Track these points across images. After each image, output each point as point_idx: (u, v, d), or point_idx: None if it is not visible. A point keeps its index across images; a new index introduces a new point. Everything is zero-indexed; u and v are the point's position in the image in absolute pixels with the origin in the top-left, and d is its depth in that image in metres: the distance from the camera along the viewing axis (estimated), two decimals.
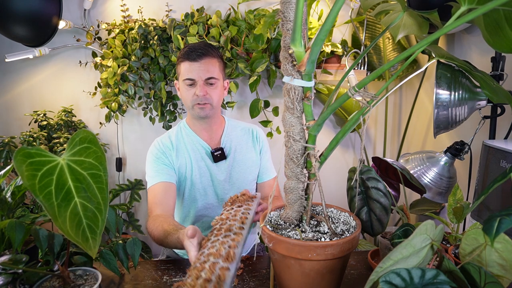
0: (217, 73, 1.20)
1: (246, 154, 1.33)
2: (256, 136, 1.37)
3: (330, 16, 0.59)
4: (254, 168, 1.34)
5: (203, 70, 1.17)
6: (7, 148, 1.90)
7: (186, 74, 1.18)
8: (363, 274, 0.96)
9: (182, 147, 1.28)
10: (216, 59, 1.21)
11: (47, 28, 1.82)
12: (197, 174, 1.27)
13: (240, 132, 1.35)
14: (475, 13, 0.48)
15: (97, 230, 0.56)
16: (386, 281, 0.48)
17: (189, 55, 1.17)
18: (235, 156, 1.31)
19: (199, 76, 1.17)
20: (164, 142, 1.28)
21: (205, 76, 1.17)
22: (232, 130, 1.34)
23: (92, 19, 2.15)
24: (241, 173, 1.30)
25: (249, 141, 1.35)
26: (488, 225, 0.48)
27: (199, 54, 1.17)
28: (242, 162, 1.31)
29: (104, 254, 0.83)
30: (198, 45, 1.20)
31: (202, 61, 1.17)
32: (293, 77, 0.68)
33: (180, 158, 1.26)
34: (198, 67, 1.17)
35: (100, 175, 0.58)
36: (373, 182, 0.84)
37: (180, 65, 1.20)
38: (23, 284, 0.73)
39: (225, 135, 1.32)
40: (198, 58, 1.17)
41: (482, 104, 1.17)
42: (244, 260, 1.06)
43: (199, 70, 1.17)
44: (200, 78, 1.17)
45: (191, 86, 1.19)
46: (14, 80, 2.20)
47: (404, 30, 1.08)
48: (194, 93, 1.19)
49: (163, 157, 1.24)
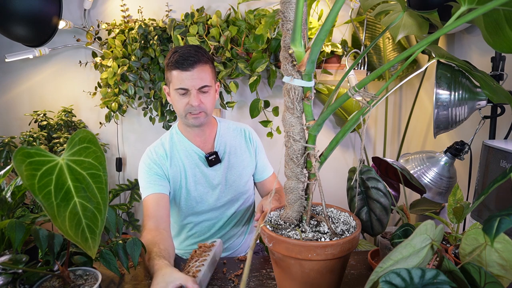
0: (209, 80, 1.16)
1: (241, 155, 1.31)
2: (249, 137, 1.35)
3: (330, 16, 0.59)
4: (249, 169, 1.33)
5: (196, 79, 1.13)
6: (7, 148, 1.91)
7: (178, 84, 1.13)
8: (363, 274, 0.96)
9: (175, 155, 1.25)
10: (208, 65, 1.16)
11: (47, 28, 1.82)
12: (192, 182, 1.25)
13: (233, 133, 1.33)
14: (475, 13, 0.48)
15: (97, 230, 0.56)
16: (386, 281, 0.48)
17: (181, 64, 1.11)
18: (230, 158, 1.29)
19: (192, 85, 1.13)
20: (157, 151, 1.24)
21: (198, 85, 1.13)
22: (225, 132, 1.32)
23: (92, 19, 2.15)
24: (237, 175, 1.30)
25: (242, 142, 1.33)
26: (488, 225, 0.48)
27: (191, 62, 1.11)
28: (237, 164, 1.30)
29: (104, 254, 0.83)
30: (188, 52, 1.12)
31: (194, 70, 1.12)
32: (293, 77, 0.68)
33: (174, 166, 1.24)
34: (191, 76, 1.12)
35: (100, 175, 0.58)
36: (373, 182, 0.84)
37: (171, 73, 1.14)
38: (23, 284, 0.73)
39: (218, 138, 1.30)
40: (190, 67, 1.11)
41: (482, 104, 1.17)
42: (243, 260, 1.06)
43: (192, 79, 1.12)
44: (194, 87, 1.13)
45: (184, 95, 1.15)
46: (14, 80, 2.20)
47: (404, 30, 1.08)
48: (187, 102, 1.15)
49: (155, 167, 1.21)
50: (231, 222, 1.33)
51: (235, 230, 1.35)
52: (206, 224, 1.31)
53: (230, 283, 0.92)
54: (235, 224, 1.34)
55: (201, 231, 1.31)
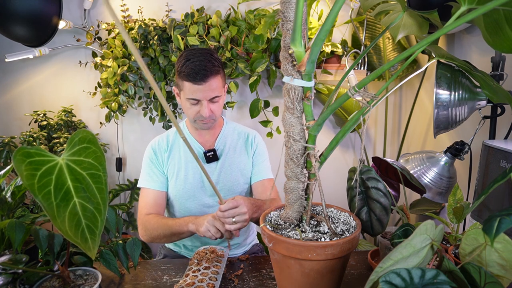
0: (220, 88, 1.19)
1: (237, 157, 1.32)
2: (251, 140, 1.36)
3: (330, 16, 0.59)
4: (245, 171, 1.33)
5: (208, 91, 1.15)
6: (7, 148, 1.91)
7: (190, 94, 1.16)
8: (363, 274, 0.96)
9: (176, 148, 1.31)
10: (220, 75, 1.18)
11: (47, 28, 1.82)
12: (190, 175, 1.28)
13: (237, 135, 1.36)
14: (475, 13, 0.48)
15: (96, 230, 0.56)
16: (386, 281, 0.48)
17: (194, 78, 1.13)
18: (226, 158, 1.32)
19: (204, 97, 1.16)
20: (160, 142, 1.32)
21: (209, 96, 1.17)
22: (228, 133, 1.35)
23: (92, 19, 2.15)
24: (230, 176, 1.30)
25: (242, 144, 1.35)
26: (488, 225, 0.48)
27: (203, 76, 1.13)
28: (232, 165, 1.31)
29: (104, 254, 0.83)
30: (200, 64, 1.13)
31: (206, 84, 1.14)
32: (293, 77, 0.68)
33: (172, 159, 1.30)
34: (203, 89, 1.14)
35: (100, 175, 0.58)
36: (373, 182, 0.84)
37: (184, 83, 1.16)
38: (23, 284, 0.73)
39: (221, 137, 1.34)
40: (202, 81, 1.13)
41: (482, 104, 1.17)
42: (243, 260, 1.06)
43: (204, 91, 1.15)
44: (205, 98, 1.16)
45: (195, 104, 1.18)
46: (14, 80, 2.20)
47: (404, 30, 1.08)
48: (198, 111, 1.19)
49: (155, 160, 1.29)
50: None
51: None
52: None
53: (230, 283, 0.92)
54: None
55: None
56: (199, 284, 0.83)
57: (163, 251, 1.41)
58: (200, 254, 0.99)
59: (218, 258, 0.97)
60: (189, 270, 0.92)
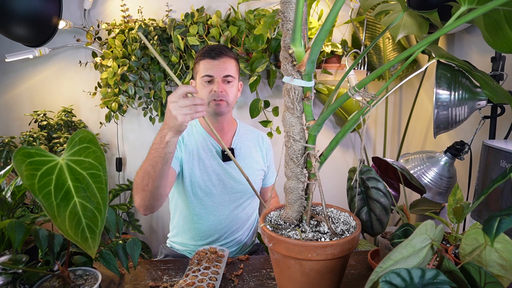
0: (234, 71, 1.26)
1: (255, 158, 1.37)
2: (263, 142, 1.43)
3: (330, 16, 0.59)
4: (261, 171, 1.39)
5: (222, 68, 1.23)
6: (7, 148, 1.90)
7: (205, 71, 1.23)
8: (363, 274, 0.96)
9: (192, 144, 1.30)
10: (234, 60, 1.28)
11: (47, 28, 1.82)
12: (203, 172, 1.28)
13: (251, 136, 1.41)
14: (475, 13, 0.48)
15: (97, 230, 0.56)
16: (386, 281, 0.48)
17: (209, 53, 1.23)
18: (244, 158, 1.34)
19: (217, 73, 1.22)
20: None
21: (223, 73, 1.23)
22: (243, 134, 1.39)
23: (92, 19, 2.15)
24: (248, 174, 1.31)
25: (257, 146, 1.40)
26: (488, 225, 0.48)
27: (218, 52, 1.23)
28: (250, 165, 1.34)
29: (104, 254, 0.83)
30: (217, 46, 1.27)
31: (221, 60, 1.23)
32: (293, 77, 0.68)
33: (187, 153, 1.28)
34: (217, 65, 1.23)
35: (100, 175, 0.58)
36: (373, 182, 0.84)
37: (199, 63, 1.25)
38: (23, 284, 0.73)
39: (237, 137, 1.36)
40: (217, 56, 1.23)
41: (482, 104, 1.17)
42: (243, 260, 1.06)
43: (218, 67, 1.22)
44: (219, 75, 1.23)
45: (209, 83, 1.24)
46: (14, 80, 2.20)
47: (404, 30, 1.08)
48: (211, 89, 1.23)
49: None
50: (235, 221, 1.33)
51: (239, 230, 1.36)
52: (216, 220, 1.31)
53: (230, 283, 0.92)
54: (239, 224, 1.35)
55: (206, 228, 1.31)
56: (199, 284, 0.84)
57: (164, 250, 1.41)
58: (200, 254, 0.99)
59: (218, 258, 0.98)
60: (189, 270, 0.92)
